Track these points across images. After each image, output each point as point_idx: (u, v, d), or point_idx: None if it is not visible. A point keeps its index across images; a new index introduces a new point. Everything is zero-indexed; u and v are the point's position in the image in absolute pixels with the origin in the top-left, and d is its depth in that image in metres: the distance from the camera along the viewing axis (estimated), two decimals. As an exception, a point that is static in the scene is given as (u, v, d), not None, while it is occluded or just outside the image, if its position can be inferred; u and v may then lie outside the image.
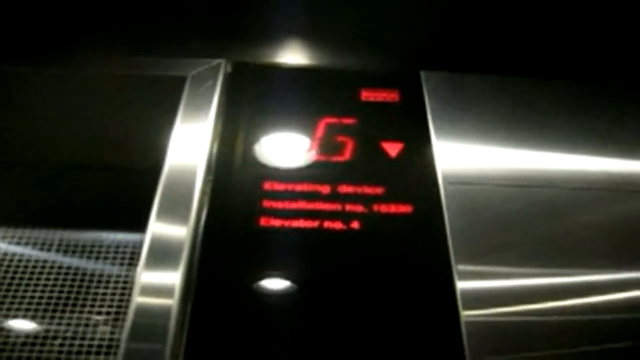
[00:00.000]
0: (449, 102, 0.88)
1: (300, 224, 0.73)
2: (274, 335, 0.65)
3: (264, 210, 0.74)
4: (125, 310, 0.77)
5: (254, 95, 0.88)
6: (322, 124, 0.84)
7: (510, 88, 0.92)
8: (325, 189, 0.77)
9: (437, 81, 0.91)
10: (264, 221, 0.73)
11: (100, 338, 0.79)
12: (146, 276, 0.67)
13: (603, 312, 0.70)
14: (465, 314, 0.67)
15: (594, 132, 0.88)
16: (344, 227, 0.73)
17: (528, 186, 0.80)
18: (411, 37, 0.99)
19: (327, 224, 0.73)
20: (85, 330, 0.81)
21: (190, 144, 0.79)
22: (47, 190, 0.96)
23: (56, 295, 0.84)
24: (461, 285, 0.69)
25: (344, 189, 0.77)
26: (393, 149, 0.82)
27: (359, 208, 0.75)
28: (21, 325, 0.82)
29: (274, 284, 0.68)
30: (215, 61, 0.90)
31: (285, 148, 0.81)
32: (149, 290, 0.66)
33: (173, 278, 0.66)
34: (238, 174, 0.78)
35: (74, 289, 0.85)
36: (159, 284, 0.66)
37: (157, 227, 0.71)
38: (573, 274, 0.73)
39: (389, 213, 0.75)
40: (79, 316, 0.82)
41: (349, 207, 0.75)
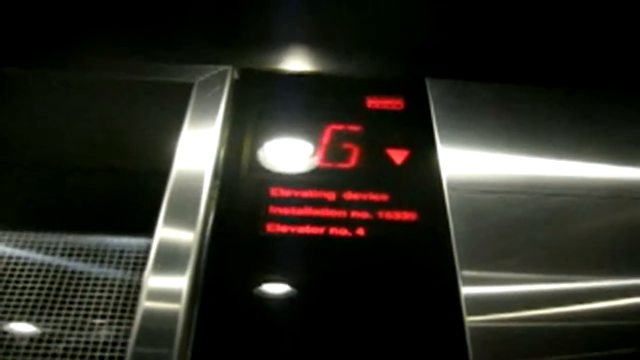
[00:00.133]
0: (454, 109, 0.89)
1: (306, 230, 0.73)
2: (279, 340, 0.66)
3: (271, 216, 0.74)
4: (130, 314, 0.77)
5: (261, 102, 0.88)
6: (328, 131, 0.84)
7: (513, 95, 0.93)
8: (330, 196, 0.77)
9: (442, 88, 0.92)
10: (270, 227, 0.73)
11: (104, 342, 0.79)
12: (153, 280, 0.67)
13: (606, 319, 0.71)
14: (470, 320, 0.67)
15: (595, 139, 0.89)
16: (350, 234, 0.74)
17: (531, 193, 0.81)
18: (416, 44, 0.99)
19: (333, 231, 0.74)
20: (89, 334, 0.81)
21: (198, 150, 0.79)
22: (53, 193, 0.96)
23: (60, 299, 0.84)
24: (465, 291, 0.69)
25: (350, 196, 0.77)
26: (398, 156, 0.83)
27: (365, 215, 0.75)
28: (24, 329, 0.82)
29: (280, 289, 0.69)
30: (222, 68, 0.90)
31: (291, 154, 0.82)
32: (156, 295, 0.66)
33: (180, 282, 0.67)
34: (245, 180, 0.78)
35: (78, 293, 0.85)
36: (166, 288, 0.67)
37: (165, 232, 0.71)
38: (576, 280, 0.73)
39: (394, 220, 0.75)
40: (83, 320, 0.82)
41: (354, 214, 0.75)
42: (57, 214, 0.93)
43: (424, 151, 0.83)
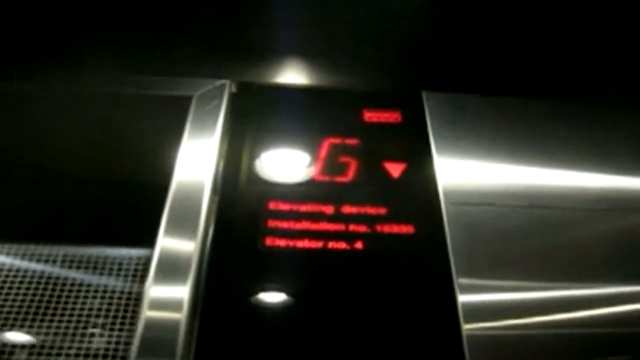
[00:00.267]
0: (450, 123, 0.90)
1: (305, 244, 0.74)
2: (279, 351, 0.67)
3: (269, 230, 0.75)
4: (130, 324, 0.78)
5: (259, 115, 0.89)
6: (326, 144, 0.85)
7: (509, 108, 0.94)
8: (329, 209, 0.78)
9: (438, 101, 0.92)
10: (269, 241, 0.74)
11: (104, 354, 0.80)
12: (155, 290, 0.68)
13: (600, 326, 0.72)
14: (467, 327, 0.68)
15: (591, 151, 0.90)
16: (348, 247, 0.74)
17: (527, 206, 0.81)
18: (412, 58, 1.00)
19: (332, 244, 0.74)
20: (89, 345, 0.81)
21: (197, 162, 0.80)
22: (53, 205, 0.96)
23: (60, 310, 0.84)
24: (462, 299, 0.70)
25: (348, 210, 0.78)
26: (395, 169, 0.83)
27: (363, 228, 0.76)
28: (23, 339, 0.82)
29: (280, 302, 0.69)
30: (220, 81, 0.91)
31: (289, 168, 0.82)
32: (157, 304, 0.67)
33: (181, 292, 0.67)
34: (243, 193, 0.79)
35: (77, 304, 0.85)
36: (168, 298, 0.67)
37: (166, 242, 0.72)
38: (570, 289, 0.74)
39: (392, 233, 0.76)
40: (83, 330, 0.82)
41: (352, 228, 0.76)
42: (57, 227, 0.93)
43: (421, 164, 0.84)
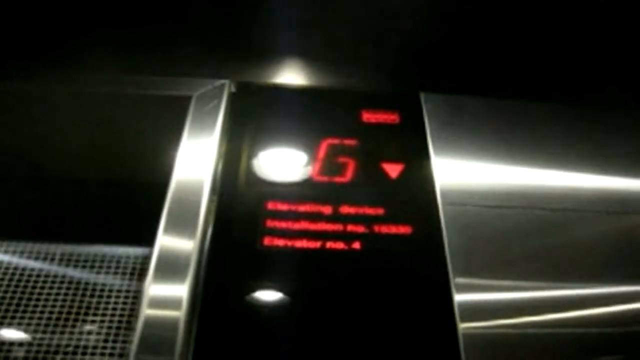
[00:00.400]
0: (448, 124, 0.90)
1: (303, 244, 0.75)
2: (277, 350, 0.67)
3: (268, 230, 0.75)
4: (128, 322, 0.78)
5: (258, 116, 0.89)
6: (324, 145, 0.85)
7: (507, 110, 0.95)
8: (327, 210, 0.78)
9: (436, 102, 0.93)
10: (267, 241, 0.74)
11: (101, 352, 0.80)
12: (154, 289, 0.68)
13: (596, 326, 0.72)
14: (463, 327, 0.69)
15: (590, 153, 0.90)
16: (346, 247, 0.75)
17: (525, 207, 0.82)
18: (411, 59, 1.01)
19: (330, 245, 0.75)
20: (86, 344, 0.81)
21: (196, 162, 0.80)
22: (52, 204, 0.97)
23: (57, 309, 0.84)
24: (459, 298, 0.71)
25: (346, 210, 0.78)
26: (393, 170, 0.84)
27: (360, 229, 0.77)
28: (20, 336, 0.83)
29: (277, 302, 0.70)
30: (220, 81, 0.91)
31: (288, 168, 0.83)
32: (156, 303, 0.67)
33: (180, 291, 0.68)
34: (242, 193, 0.79)
35: (75, 303, 0.85)
36: (167, 296, 0.68)
37: (165, 241, 0.72)
38: (566, 288, 0.75)
39: (390, 233, 0.77)
40: (80, 329, 0.82)
41: (350, 228, 0.77)
42: (57, 225, 0.93)
43: (419, 165, 0.85)
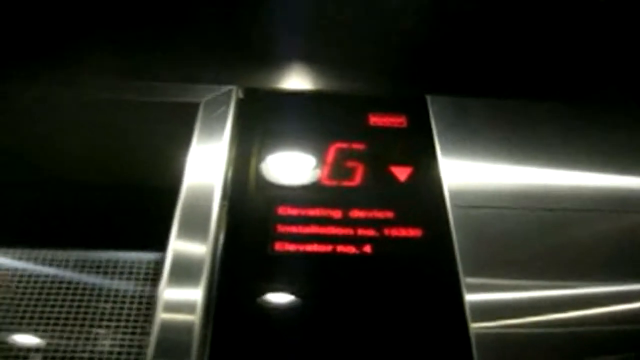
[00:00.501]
0: (455, 126, 0.91)
1: (314, 248, 0.75)
2: (291, 353, 0.68)
3: (279, 235, 0.76)
4: (142, 327, 0.79)
5: (266, 121, 0.90)
6: (333, 149, 0.86)
7: (512, 110, 0.95)
8: (337, 214, 0.79)
9: (443, 105, 0.93)
10: (279, 246, 0.75)
11: (117, 358, 0.81)
12: (168, 293, 0.69)
13: (606, 324, 0.73)
14: (475, 326, 0.70)
15: (595, 152, 0.91)
16: (357, 251, 0.76)
17: (532, 207, 0.83)
18: (416, 62, 1.01)
19: (340, 249, 0.76)
20: (102, 349, 0.82)
21: (206, 167, 0.81)
22: (65, 210, 0.97)
23: (72, 315, 0.85)
24: (469, 298, 0.72)
25: (356, 214, 0.79)
26: (402, 173, 0.84)
27: (371, 232, 0.77)
28: (36, 342, 0.83)
29: (291, 306, 0.70)
30: (227, 87, 0.92)
31: (297, 173, 0.83)
32: (171, 307, 0.68)
33: (194, 295, 0.69)
34: (253, 199, 0.80)
35: (89, 308, 0.86)
36: (181, 300, 0.69)
37: (178, 246, 0.73)
38: (576, 287, 0.75)
39: (400, 236, 0.77)
40: (96, 334, 0.83)
41: (360, 232, 0.77)
42: (71, 231, 0.94)
43: (427, 167, 0.85)
